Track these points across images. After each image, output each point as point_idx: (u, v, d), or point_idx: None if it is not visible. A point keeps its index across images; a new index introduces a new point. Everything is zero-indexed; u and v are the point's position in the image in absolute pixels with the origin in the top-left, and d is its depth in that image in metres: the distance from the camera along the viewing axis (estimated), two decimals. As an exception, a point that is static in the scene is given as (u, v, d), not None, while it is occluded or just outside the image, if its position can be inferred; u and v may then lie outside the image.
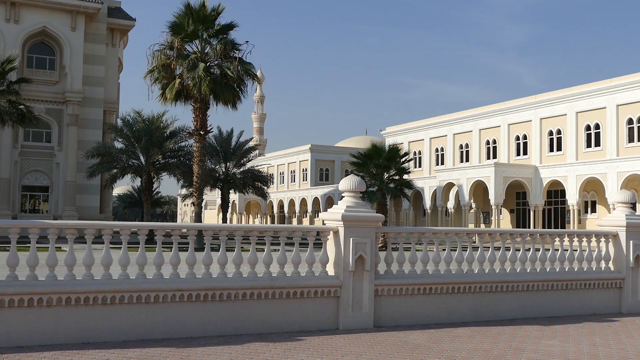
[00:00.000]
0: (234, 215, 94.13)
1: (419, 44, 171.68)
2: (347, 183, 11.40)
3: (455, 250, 12.43)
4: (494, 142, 59.85)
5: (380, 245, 25.63)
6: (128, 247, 9.88)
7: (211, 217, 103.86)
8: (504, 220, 59.12)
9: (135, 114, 46.20)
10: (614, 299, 13.71)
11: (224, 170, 57.33)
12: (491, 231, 12.97)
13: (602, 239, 13.87)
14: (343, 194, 11.47)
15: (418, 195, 66.10)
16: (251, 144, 63.46)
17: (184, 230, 10.53)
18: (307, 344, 9.52)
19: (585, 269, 13.52)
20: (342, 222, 10.87)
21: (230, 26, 35.12)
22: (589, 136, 51.13)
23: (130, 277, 9.65)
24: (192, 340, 9.51)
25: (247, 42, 36.97)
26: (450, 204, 59.94)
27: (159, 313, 9.68)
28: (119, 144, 46.64)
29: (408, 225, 65.29)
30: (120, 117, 48.65)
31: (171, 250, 10.12)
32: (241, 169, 58.61)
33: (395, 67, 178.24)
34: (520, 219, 58.92)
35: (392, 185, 42.30)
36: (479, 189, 57.54)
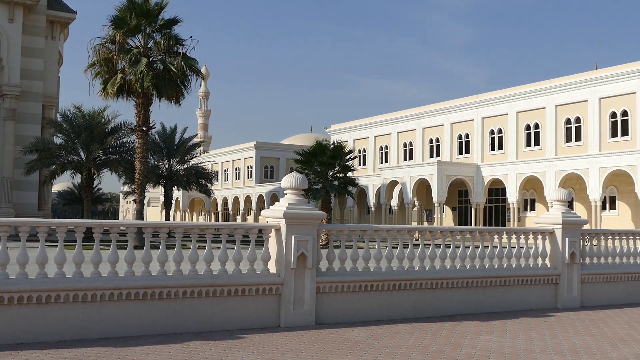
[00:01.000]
0: (178, 212, 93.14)
1: (365, 42, 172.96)
2: (290, 180, 11.38)
3: (397, 247, 12.54)
4: (437, 140, 60.63)
5: (322, 242, 25.69)
6: (65, 245, 9.66)
7: (154, 214, 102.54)
8: (447, 218, 59.97)
9: (76, 109, 45.22)
10: (550, 295, 14.04)
11: (167, 167, 56.64)
12: (432, 229, 13.12)
13: (540, 237, 14.18)
14: (285, 192, 11.44)
15: (362, 193, 66.52)
16: (195, 140, 62.81)
17: (123, 227, 10.34)
18: (248, 342, 9.47)
19: (523, 266, 13.80)
20: (284, 220, 10.84)
21: (174, 21, 34.67)
22: (528, 135, 52.22)
23: (67, 276, 9.43)
24: (131, 340, 9.35)
25: (191, 37, 36.57)
26: (394, 202, 60.49)
27: (96, 312, 9.49)
28: (58, 140, 45.55)
29: (352, 223, 65.65)
30: (60, 112, 47.55)
31: (110, 248, 9.94)
32: (185, 166, 57.97)
33: (341, 64, 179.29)
34: (462, 216, 59.87)
35: (336, 183, 42.43)
36: (422, 187, 58.22)
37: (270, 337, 9.84)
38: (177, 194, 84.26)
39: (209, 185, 61.41)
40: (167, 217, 56.24)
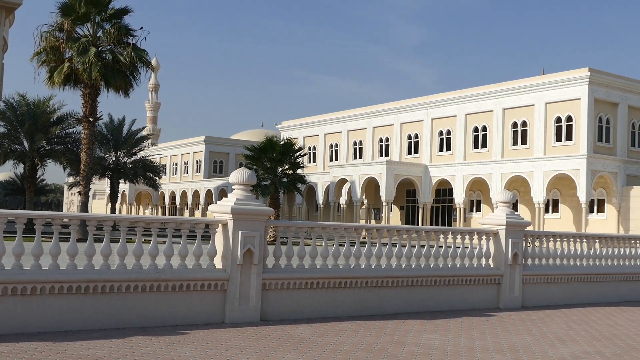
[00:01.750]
0: (124, 205, 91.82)
1: (317, 40, 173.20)
2: (238, 176, 11.32)
3: (344, 245, 12.58)
4: (387, 140, 61.06)
5: (270, 239, 25.64)
6: (5, 236, 9.42)
7: (99, 207, 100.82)
8: (394, 217, 60.47)
9: (20, 97, 44.22)
10: (492, 295, 14.27)
11: (114, 159, 55.81)
12: (379, 227, 13.21)
13: (484, 237, 14.41)
14: (234, 187, 11.38)
15: (311, 190, 66.60)
16: (144, 133, 62.09)
17: (66, 219, 10.14)
18: (192, 337, 9.39)
19: (467, 266, 14.00)
20: (231, 215, 10.78)
21: (124, 11, 34.14)
22: (476, 138, 52.99)
23: (6, 268, 9.20)
24: (72, 334, 9.18)
25: (142, 28, 36.15)
26: (343, 200, 60.71)
27: (35, 306, 9.28)
28: (0, 128, 44.45)
29: (301, 220, 65.68)
30: (3, 99, 46.37)
31: (51, 241, 9.73)
32: (132, 159, 57.22)
33: (293, 61, 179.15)
34: (410, 216, 60.45)
35: (285, 179, 42.40)
36: (371, 185, 58.58)
37: (214, 333, 9.78)
38: (123, 186, 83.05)
39: (157, 178, 60.77)
40: (113, 210, 55.42)
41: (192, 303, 10.55)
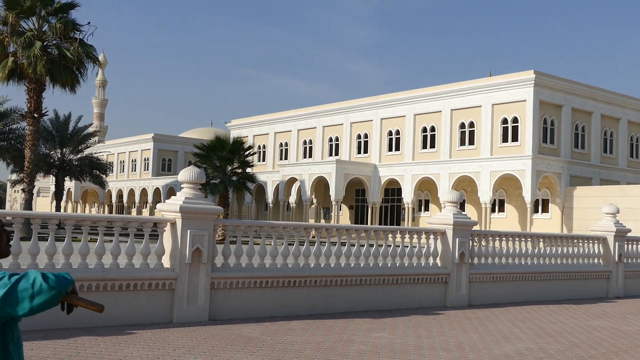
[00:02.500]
0: (69, 203, 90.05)
1: (267, 38, 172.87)
2: (187, 174, 11.23)
3: (293, 244, 12.59)
4: (337, 139, 61.24)
5: (219, 238, 25.48)
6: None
7: (44, 205, 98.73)
8: (344, 216, 60.71)
9: (-38, 92, 43.02)
10: (440, 293, 14.46)
11: (59, 156, 54.68)
12: (328, 226, 13.25)
13: (432, 236, 14.58)
14: (183, 185, 11.28)
15: (261, 189, 66.39)
16: (90, 129, 60.91)
17: (9, 217, 9.90)
18: (139, 337, 9.28)
19: (415, 265, 14.15)
20: (180, 214, 10.69)
21: (71, 5, 33.48)
22: (425, 138, 53.54)
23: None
24: (14, 335, 8.96)
25: (89, 23, 35.44)
26: (292, 199, 60.68)
27: (-23, 306, 9.04)
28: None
29: (250, 219, 65.44)
30: (-56, 94, 45.04)
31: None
32: (78, 156, 56.13)
33: (243, 60, 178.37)
34: (359, 215, 60.76)
35: (235, 178, 42.15)
36: (321, 184, 58.68)
37: (161, 333, 9.68)
38: (69, 184, 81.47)
39: (104, 176, 59.75)
40: (58, 209, 54.29)
41: (140, 303, 10.42)
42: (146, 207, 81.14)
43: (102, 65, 61.79)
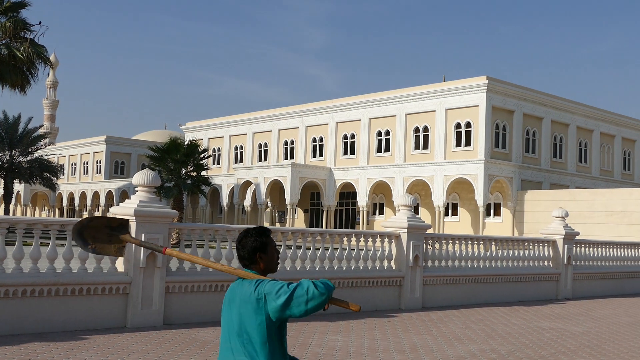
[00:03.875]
0: (19, 207, 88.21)
1: (222, 41, 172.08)
2: (141, 177, 11.14)
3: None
4: (292, 143, 61.30)
5: (174, 241, 25.29)
6: None
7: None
8: (299, 220, 60.75)
9: None
10: (394, 296, 14.59)
11: (8, 158, 53.59)
12: (283, 230, 13.28)
13: (386, 240, 14.71)
14: (137, 189, 11.19)
15: (216, 192, 66.04)
16: (41, 131, 59.89)
17: (-42, 221, 9.69)
18: (92, 343, 9.17)
19: (369, 268, 14.26)
20: (134, 217, 10.59)
21: (21, 4, 32.91)
22: (380, 142, 53.94)
23: None
24: (-38, 341, 8.78)
25: (40, 23, 34.88)
26: (247, 202, 60.49)
27: None
28: None
29: (205, 223, 64.99)
30: None
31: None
32: (28, 158, 55.13)
33: (198, 62, 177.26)
34: (314, 218, 60.87)
35: (189, 181, 41.88)
36: (276, 188, 58.64)
37: (115, 338, 9.58)
38: (18, 187, 79.83)
39: (55, 179, 58.77)
40: (7, 212, 53.19)
41: (93, 307, 10.29)
42: (98, 211, 79.96)
43: (53, 66, 60.74)
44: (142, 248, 10.57)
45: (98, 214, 79.57)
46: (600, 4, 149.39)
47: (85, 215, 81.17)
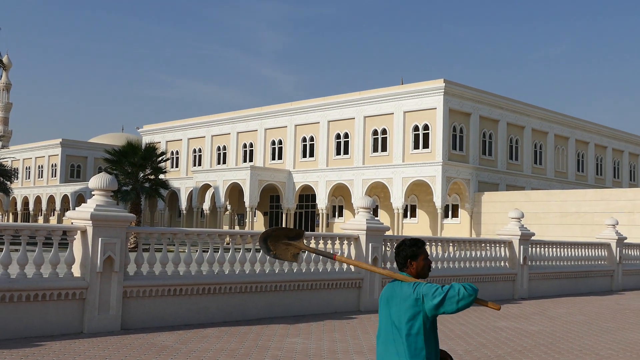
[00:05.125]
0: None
1: (178, 43, 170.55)
2: (98, 181, 11.02)
3: (207, 251, 12.52)
4: (251, 145, 61.11)
5: (131, 245, 25.01)
6: None
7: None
8: (258, 223, 60.57)
9: None
10: (353, 298, 14.67)
11: (-40, 162, 52.41)
12: (243, 233, 13.25)
13: (345, 242, 14.78)
14: (93, 192, 11.06)
15: (174, 195, 65.49)
16: (-6, 135, 58.70)
17: None
18: (48, 349, 9.03)
19: (329, 270, 14.31)
20: (90, 222, 10.47)
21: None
22: (339, 144, 54.10)
23: None
24: None
25: (-8, 25, 34.20)
26: (206, 205, 60.10)
27: None
28: None
29: (163, 226, 64.40)
30: None
31: None
32: (-19, 162, 53.96)
33: (154, 64, 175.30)
34: (274, 221, 60.75)
35: (147, 184, 41.43)
36: (235, 191, 58.37)
37: (72, 344, 9.45)
38: (-29, 191, 78.09)
39: (8, 183, 57.59)
40: (-41, 217, 52.00)
41: (49, 313, 10.14)
42: (54, 215, 78.65)
43: (6, 68, 59.61)
44: (99, 253, 10.44)
45: (53, 218, 78.29)
46: (553, 8, 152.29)
47: (41, 220, 79.79)
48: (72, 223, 10.91)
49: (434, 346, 4.36)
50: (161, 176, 43.20)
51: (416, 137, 48.79)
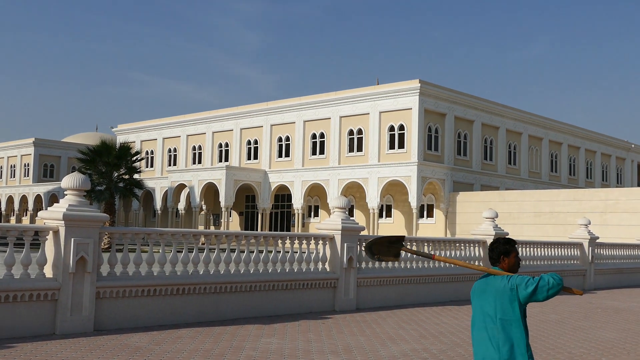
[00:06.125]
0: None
1: (153, 41, 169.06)
2: (70, 181, 10.91)
3: (182, 251, 12.45)
4: (227, 145, 60.92)
5: (105, 246, 24.81)
6: None
7: None
8: (234, 223, 60.41)
9: None
10: (329, 298, 14.67)
11: None
12: (217, 233, 13.19)
13: (321, 242, 14.78)
14: (66, 192, 10.95)
15: (149, 195, 65.09)
16: (-35, 134, 57.94)
17: None
18: (19, 351, 8.92)
19: (304, 270, 14.30)
20: (63, 222, 10.36)
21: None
22: (314, 144, 54.12)
23: None
24: None
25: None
26: (181, 205, 59.82)
27: None
28: None
29: (138, 226, 63.95)
30: None
31: None
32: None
33: (129, 62, 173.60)
34: (249, 221, 60.62)
35: (121, 184, 41.14)
36: (210, 191, 58.16)
37: (43, 346, 9.34)
38: (-59, 191, 77.01)
39: (-20, 183, 56.89)
40: None
41: (20, 314, 10.01)
42: (26, 215, 77.79)
43: (-22, 66, 58.87)
44: (71, 253, 10.34)
45: (26, 219, 77.45)
46: (528, 10, 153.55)
47: (13, 220, 78.91)
48: (44, 223, 10.79)
49: (526, 332, 4.88)
50: (136, 176, 42.91)
51: (392, 137, 48.95)
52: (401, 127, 48.32)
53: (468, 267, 5.28)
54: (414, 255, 16.89)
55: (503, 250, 5.05)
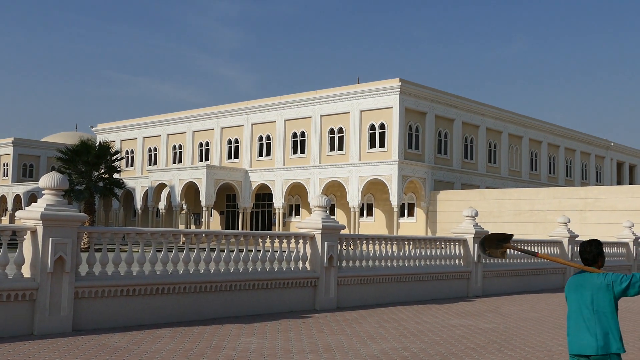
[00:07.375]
0: None
1: (133, 40, 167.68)
2: (48, 180, 10.83)
3: (162, 251, 12.40)
4: (207, 144, 60.73)
5: (84, 245, 24.64)
6: None
7: None
8: (214, 222, 60.24)
9: None
10: (309, 297, 14.67)
11: None
12: (197, 232, 13.15)
13: (301, 241, 14.77)
14: (44, 192, 10.86)
15: (129, 195, 64.72)
16: (-58, 133, 57.29)
17: None
18: (-4, 352, 8.83)
19: (284, 269, 14.29)
20: (41, 222, 10.28)
21: None
22: (295, 143, 54.08)
23: None
24: None
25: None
26: (162, 205, 59.56)
27: None
28: None
29: (118, 226, 63.57)
30: None
31: None
32: None
33: (109, 61, 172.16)
34: (230, 220, 60.48)
35: (101, 184, 40.85)
36: (191, 190, 57.95)
37: (21, 346, 9.26)
38: None
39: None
40: None
41: (-3, 315, 9.91)
42: (5, 215, 77.08)
43: (-45, 65, 58.21)
44: (49, 253, 10.26)
45: (5, 219, 76.72)
46: (507, 9, 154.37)
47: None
48: (22, 223, 10.70)
49: (618, 322, 5.52)
50: (116, 175, 42.68)
51: (372, 136, 49.03)
52: (382, 126, 48.42)
53: (569, 265, 5.87)
54: (395, 254, 16.95)
55: (598, 251, 5.77)
